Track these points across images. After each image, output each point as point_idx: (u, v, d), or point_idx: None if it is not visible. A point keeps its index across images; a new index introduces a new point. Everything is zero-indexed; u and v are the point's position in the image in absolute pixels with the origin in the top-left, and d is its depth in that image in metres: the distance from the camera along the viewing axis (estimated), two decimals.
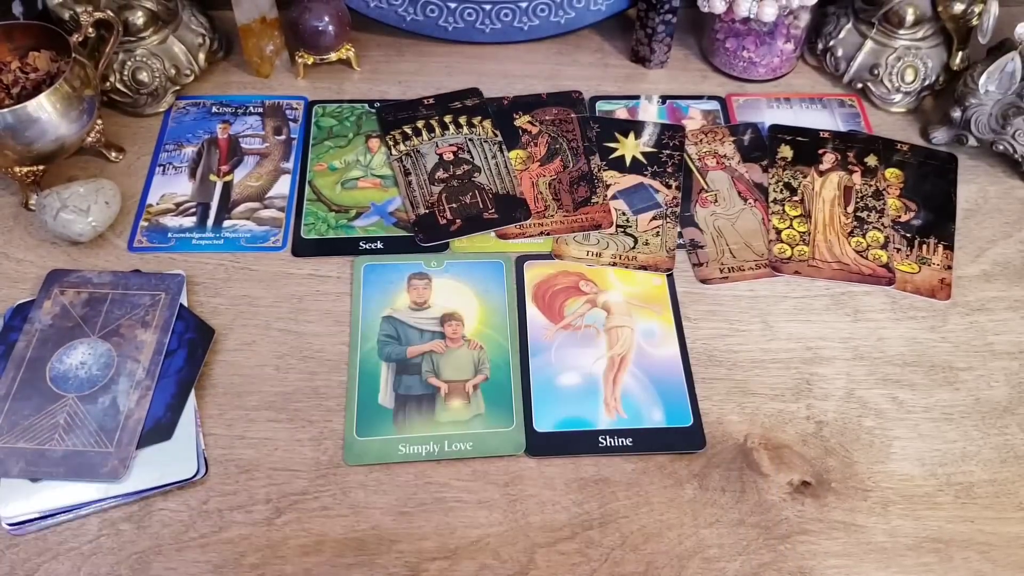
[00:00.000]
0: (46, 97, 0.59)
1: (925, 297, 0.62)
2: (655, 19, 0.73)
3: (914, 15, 0.71)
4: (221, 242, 0.63)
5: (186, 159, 0.68)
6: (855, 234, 0.64)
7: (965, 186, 0.69)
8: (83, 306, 0.57)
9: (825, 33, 0.76)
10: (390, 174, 0.68)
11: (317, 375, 0.56)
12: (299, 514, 0.50)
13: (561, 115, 0.72)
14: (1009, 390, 0.57)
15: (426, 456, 0.53)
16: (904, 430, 0.55)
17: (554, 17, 0.77)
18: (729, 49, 0.75)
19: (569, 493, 0.52)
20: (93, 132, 0.66)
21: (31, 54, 0.64)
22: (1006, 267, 0.64)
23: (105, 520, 0.50)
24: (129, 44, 0.69)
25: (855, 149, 0.70)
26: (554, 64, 0.77)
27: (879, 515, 0.51)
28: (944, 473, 0.53)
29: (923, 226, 0.65)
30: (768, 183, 0.68)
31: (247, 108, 0.72)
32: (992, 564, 0.50)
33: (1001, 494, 0.52)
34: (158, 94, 0.71)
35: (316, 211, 0.65)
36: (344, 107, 0.73)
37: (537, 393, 0.56)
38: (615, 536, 0.50)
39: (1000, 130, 0.67)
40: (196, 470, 0.51)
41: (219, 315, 0.59)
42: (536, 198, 0.66)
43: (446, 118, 0.71)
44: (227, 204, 0.66)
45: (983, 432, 0.55)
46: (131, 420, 0.52)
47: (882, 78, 0.73)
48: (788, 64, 0.76)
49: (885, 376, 0.58)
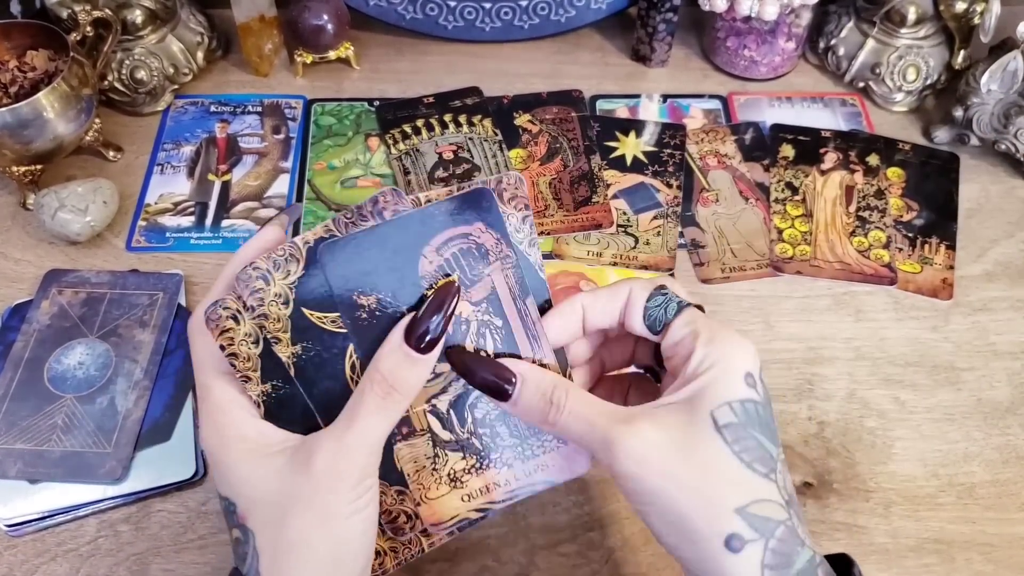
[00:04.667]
0: (44, 96, 0.59)
1: (927, 297, 0.61)
2: (656, 18, 0.73)
3: (916, 14, 0.70)
4: (219, 242, 0.63)
5: (184, 158, 0.68)
6: (857, 234, 0.64)
7: (967, 186, 0.68)
8: (81, 306, 0.57)
9: (827, 32, 0.75)
10: (390, 173, 0.68)
11: None
12: None
13: (561, 114, 0.72)
14: (1011, 390, 0.57)
15: None
16: (906, 431, 0.55)
17: (554, 15, 0.76)
18: (730, 48, 0.75)
19: (570, 494, 0.52)
20: (91, 131, 0.65)
21: (29, 53, 0.64)
22: (1008, 267, 0.63)
23: (103, 521, 0.49)
24: (127, 43, 0.68)
25: (857, 148, 0.69)
26: (554, 63, 0.77)
27: (881, 516, 0.51)
28: (946, 474, 0.53)
29: (925, 226, 0.65)
30: (770, 182, 0.67)
31: (246, 107, 0.72)
32: (994, 565, 0.49)
33: (1003, 495, 0.52)
34: (156, 93, 0.70)
35: (315, 210, 0.65)
36: (343, 106, 0.72)
37: None
38: (616, 538, 0.50)
39: (1002, 129, 0.67)
40: (195, 471, 0.51)
41: None
42: (536, 198, 0.66)
43: (446, 117, 0.71)
44: (226, 203, 0.65)
45: (985, 433, 0.55)
46: (129, 421, 0.52)
47: (884, 77, 0.72)
48: (789, 63, 0.76)
49: (887, 376, 0.57)
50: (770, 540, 0.33)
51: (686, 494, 0.33)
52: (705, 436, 0.33)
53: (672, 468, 0.33)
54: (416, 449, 0.38)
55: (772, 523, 0.33)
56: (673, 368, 0.37)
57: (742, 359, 0.35)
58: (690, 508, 0.33)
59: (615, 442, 0.34)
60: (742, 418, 0.34)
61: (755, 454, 0.34)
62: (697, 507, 0.33)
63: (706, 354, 0.35)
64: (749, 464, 0.33)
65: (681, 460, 0.33)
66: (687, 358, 0.35)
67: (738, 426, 0.34)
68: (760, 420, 0.34)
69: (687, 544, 0.33)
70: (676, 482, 0.33)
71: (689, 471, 0.33)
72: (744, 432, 0.34)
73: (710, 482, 0.33)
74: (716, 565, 0.33)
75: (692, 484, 0.33)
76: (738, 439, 0.33)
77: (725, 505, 0.33)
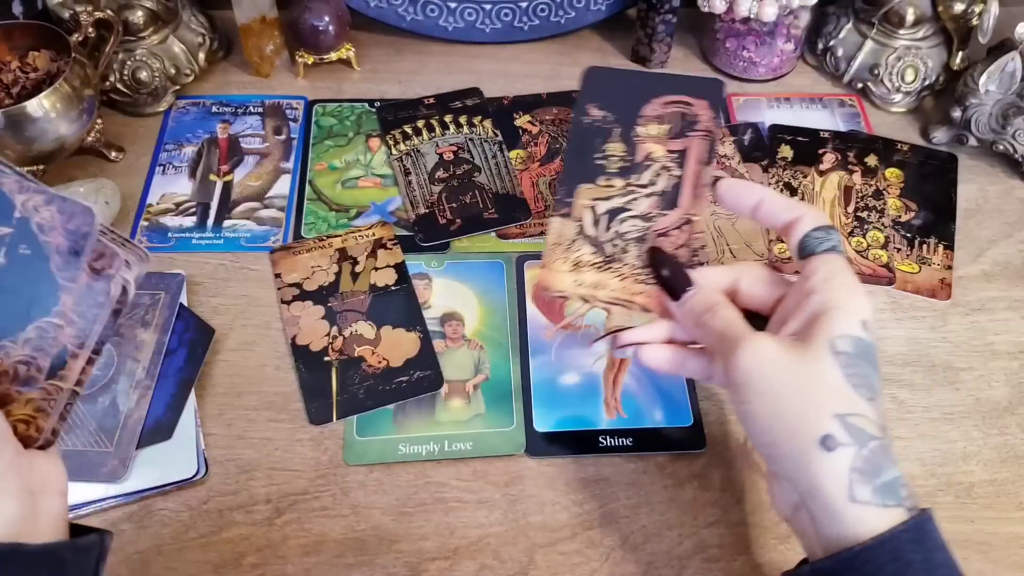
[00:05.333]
0: (46, 97, 0.59)
1: (925, 297, 0.62)
2: (655, 19, 0.73)
3: (914, 15, 0.71)
4: (221, 242, 0.63)
5: (186, 159, 0.68)
6: (855, 234, 0.64)
7: (965, 186, 0.68)
8: None
9: (825, 33, 0.76)
10: (390, 173, 0.68)
11: None
12: (299, 514, 0.50)
13: (561, 115, 0.72)
14: (1009, 390, 0.57)
15: (426, 456, 0.53)
16: (904, 430, 0.55)
17: (554, 17, 0.77)
18: (729, 49, 0.75)
19: (569, 493, 0.52)
20: (93, 132, 0.66)
21: (31, 54, 0.64)
22: (1006, 267, 0.64)
23: (105, 520, 0.50)
24: (129, 44, 0.69)
25: (855, 149, 0.70)
26: (554, 64, 0.77)
27: None
28: (944, 473, 0.53)
29: (923, 226, 0.65)
30: (768, 183, 0.68)
31: (247, 108, 0.72)
32: (992, 564, 0.50)
33: (1001, 494, 0.52)
34: (158, 94, 0.71)
35: (316, 210, 0.65)
36: (344, 106, 0.73)
37: (537, 393, 0.56)
38: (615, 536, 0.50)
39: (1000, 130, 0.67)
40: (196, 470, 0.51)
41: (219, 315, 0.59)
42: (536, 198, 0.66)
43: (446, 118, 0.71)
44: (227, 204, 0.66)
45: (983, 432, 0.55)
46: (131, 420, 0.52)
47: (882, 78, 0.73)
48: (788, 64, 0.76)
49: (885, 376, 0.57)
50: (863, 449, 0.36)
51: (793, 392, 0.37)
52: (821, 355, 0.37)
53: (786, 370, 0.37)
54: (566, 228, 0.46)
55: (866, 435, 0.36)
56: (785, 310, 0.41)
57: (860, 306, 0.38)
58: (795, 404, 0.37)
59: (743, 341, 0.38)
60: (856, 350, 0.37)
61: (862, 380, 0.37)
62: (802, 404, 0.37)
63: (830, 296, 0.38)
64: (856, 386, 0.37)
65: (795, 367, 0.37)
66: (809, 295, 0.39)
67: (852, 355, 0.37)
68: (869, 358, 0.38)
69: (784, 439, 0.37)
70: (787, 382, 0.37)
71: (800, 377, 0.37)
72: (856, 361, 0.37)
73: (817, 388, 0.37)
74: (808, 460, 0.36)
75: (801, 386, 0.37)
76: (850, 364, 0.37)
77: (827, 408, 0.36)
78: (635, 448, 0.54)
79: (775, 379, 0.37)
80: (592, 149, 0.48)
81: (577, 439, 0.54)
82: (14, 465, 0.35)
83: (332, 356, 0.56)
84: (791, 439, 0.37)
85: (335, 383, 0.55)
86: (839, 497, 0.36)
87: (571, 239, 0.46)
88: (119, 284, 0.38)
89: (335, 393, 0.55)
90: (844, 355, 0.37)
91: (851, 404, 0.36)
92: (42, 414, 0.38)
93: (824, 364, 0.37)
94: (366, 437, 0.53)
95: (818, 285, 0.39)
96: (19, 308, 0.37)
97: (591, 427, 0.54)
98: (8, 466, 0.35)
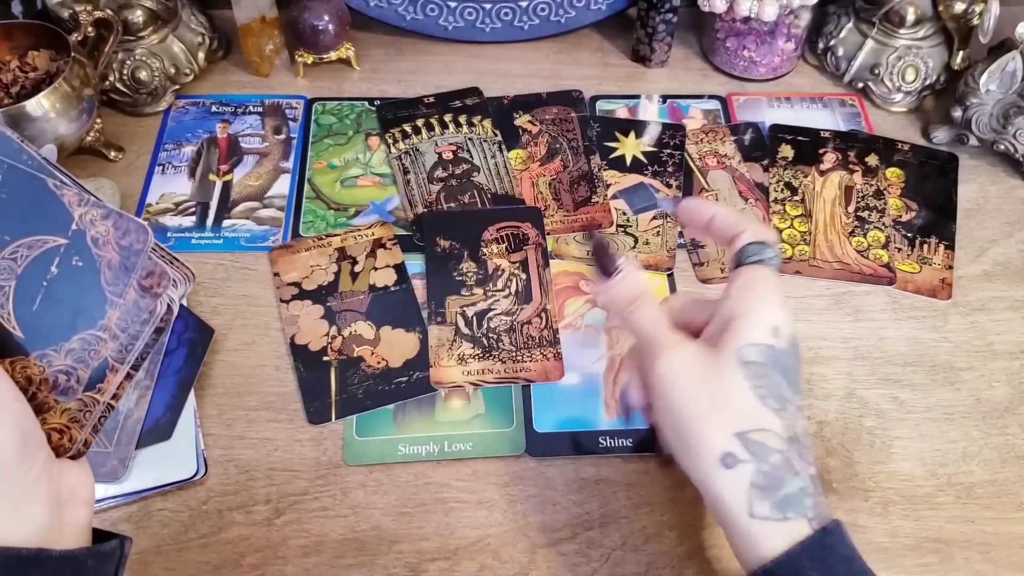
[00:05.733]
0: (45, 96, 0.59)
1: (926, 297, 0.61)
2: (655, 18, 0.73)
3: (915, 14, 0.70)
4: (220, 242, 0.63)
5: (185, 158, 0.68)
6: (856, 234, 0.64)
7: (966, 186, 0.68)
8: None
9: (826, 32, 0.75)
10: (389, 172, 0.68)
11: None
12: (299, 514, 0.50)
13: (561, 114, 0.72)
14: (1010, 390, 0.57)
15: (426, 456, 0.53)
16: (905, 430, 0.55)
17: (554, 16, 0.77)
18: (730, 48, 0.75)
19: (569, 493, 0.52)
20: (92, 131, 0.65)
21: (30, 53, 0.64)
22: (1007, 267, 0.64)
23: (104, 520, 0.50)
24: (128, 43, 0.69)
25: (856, 149, 0.70)
26: (554, 63, 0.77)
27: (880, 515, 0.51)
28: (945, 473, 0.53)
29: (924, 226, 0.65)
30: (769, 183, 0.68)
31: (246, 107, 0.72)
32: (993, 564, 0.50)
33: (1002, 494, 0.52)
34: (157, 93, 0.71)
35: (315, 209, 0.65)
36: (344, 105, 0.73)
37: (537, 393, 0.56)
38: (615, 536, 0.50)
39: (1001, 130, 0.67)
40: (195, 470, 0.51)
41: (219, 315, 0.59)
42: (536, 198, 0.66)
43: (446, 117, 0.71)
44: (226, 203, 0.65)
45: (984, 432, 0.55)
46: (130, 420, 0.52)
47: (883, 77, 0.72)
48: (789, 63, 0.76)
49: (886, 376, 0.58)
50: (762, 464, 0.37)
51: (699, 412, 0.38)
52: (730, 366, 0.38)
53: (694, 387, 0.38)
54: (443, 333, 0.57)
55: (768, 450, 0.37)
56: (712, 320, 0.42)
57: (769, 313, 0.39)
58: (699, 424, 0.38)
59: (663, 350, 0.39)
60: (766, 359, 0.38)
61: (770, 391, 0.38)
62: (704, 425, 0.38)
63: (741, 302, 0.40)
64: (762, 398, 0.38)
65: (704, 383, 0.38)
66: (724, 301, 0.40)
67: (760, 365, 0.38)
68: (781, 366, 0.38)
69: (691, 457, 0.38)
70: (694, 401, 0.38)
71: (707, 394, 0.38)
72: (765, 371, 0.38)
73: (721, 406, 0.38)
74: (710, 477, 0.37)
75: (706, 405, 0.38)
76: (759, 375, 0.38)
77: (729, 427, 0.37)
78: (635, 449, 0.53)
79: (686, 394, 0.38)
80: (449, 270, 0.60)
81: (577, 439, 0.54)
82: (46, 472, 0.35)
83: (331, 356, 0.56)
84: (696, 456, 0.38)
85: (334, 383, 0.55)
86: (740, 513, 0.37)
87: (451, 340, 0.57)
88: (164, 302, 0.38)
89: (334, 393, 0.55)
90: (752, 365, 0.38)
91: (754, 420, 0.37)
92: (76, 425, 0.38)
93: (732, 377, 0.38)
94: (366, 437, 0.53)
95: (734, 292, 0.40)
96: (65, 318, 0.38)
97: (591, 427, 0.54)
98: (41, 473, 0.35)
